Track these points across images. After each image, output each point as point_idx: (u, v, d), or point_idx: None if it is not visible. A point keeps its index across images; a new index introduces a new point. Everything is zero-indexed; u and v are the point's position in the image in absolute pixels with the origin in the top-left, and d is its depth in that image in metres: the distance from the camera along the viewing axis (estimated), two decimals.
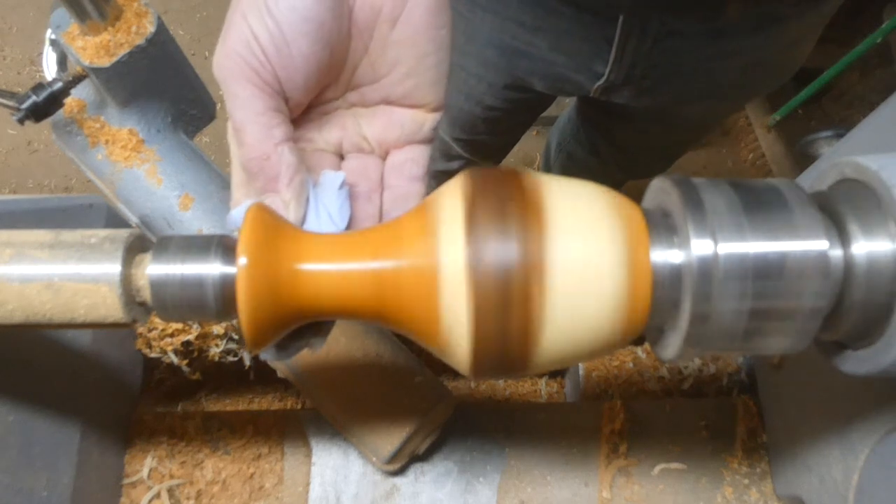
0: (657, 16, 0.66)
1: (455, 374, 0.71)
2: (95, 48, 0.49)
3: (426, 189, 0.43)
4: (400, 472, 0.58)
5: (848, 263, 0.30)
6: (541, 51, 0.75)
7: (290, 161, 0.37)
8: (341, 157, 0.43)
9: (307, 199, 0.38)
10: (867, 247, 0.30)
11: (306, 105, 0.40)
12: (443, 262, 0.30)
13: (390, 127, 0.42)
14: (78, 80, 0.51)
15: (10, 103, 0.50)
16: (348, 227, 0.40)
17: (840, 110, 1.85)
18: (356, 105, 0.43)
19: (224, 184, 0.56)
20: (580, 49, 0.73)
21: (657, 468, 0.58)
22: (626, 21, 0.67)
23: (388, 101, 0.42)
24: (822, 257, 0.30)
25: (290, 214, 0.37)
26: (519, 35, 0.75)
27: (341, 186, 0.40)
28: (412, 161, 0.43)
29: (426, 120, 0.43)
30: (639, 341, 0.67)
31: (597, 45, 0.71)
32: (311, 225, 0.38)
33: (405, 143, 0.43)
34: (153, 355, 0.61)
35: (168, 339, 0.60)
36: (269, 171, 0.37)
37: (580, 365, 0.67)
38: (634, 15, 0.66)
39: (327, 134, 0.42)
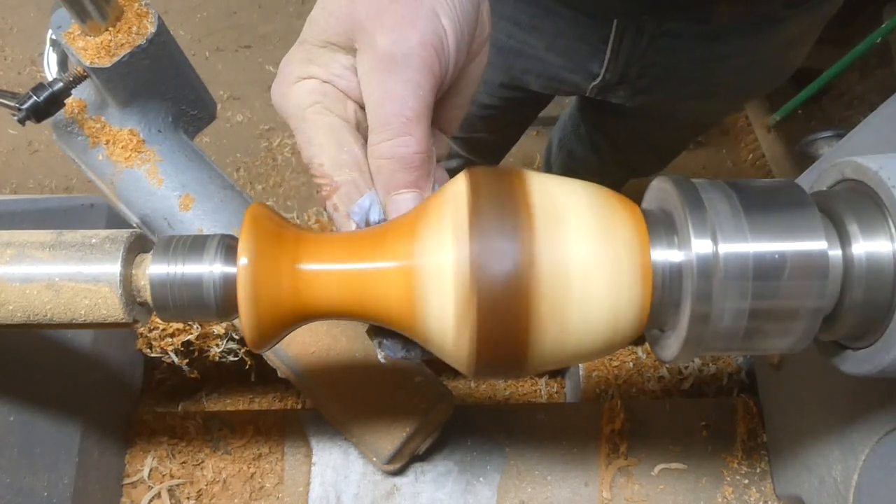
0: (650, 18, 0.66)
1: (455, 374, 0.71)
2: (96, 48, 0.49)
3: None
4: (400, 472, 0.59)
5: (847, 264, 0.31)
6: (536, 50, 0.75)
7: (434, 164, 0.37)
8: None
9: None
10: (867, 247, 0.30)
11: None
12: (444, 261, 0.30)
13: (434, 145, 0.43)
14: (79, 80, 0.51)
15: (11, 104, 0.50)
16: None
17: (840, 110, 1.85)
18: None
19: (225, 184, 0.56)
20: (576, 49, 0.73)
21: (657, 468, 0.58)
22: (621, 22, 0.67)
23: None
24: (822, 257, 0.30)
25: None
26: (514, 34, 0.75)
27: None
28: (440, 182, 0.43)
29: (447, 143, 0.44)
30: (639, 341, 0.67)
31: (592, 46, 0.71)
32: None
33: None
34: (154, 355, 0.61)
35: (169, 340, 0.60)
36: (427, 169, 0.36)
37: (580, 365, 0.67)
38: (628, 17, 0.66)
39: None
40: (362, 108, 0.37)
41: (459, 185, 0.32)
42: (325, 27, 0.37)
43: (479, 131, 0.98)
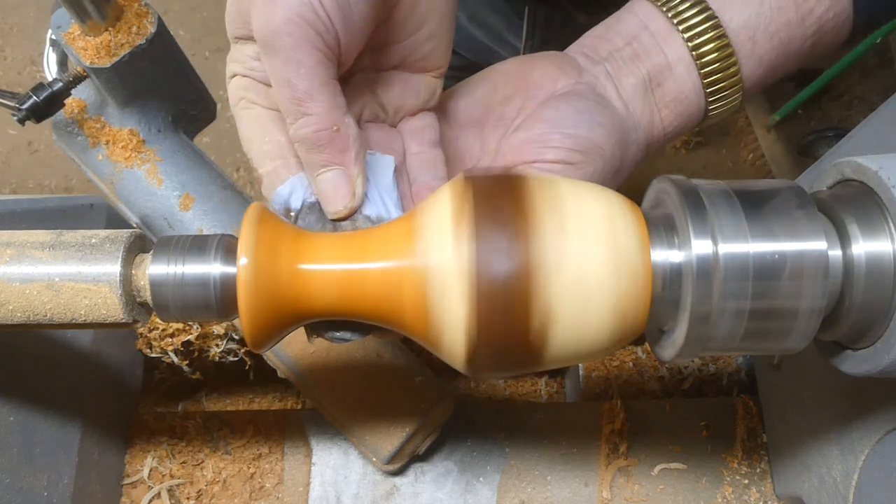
0: (551, 7, 0.67)
1: (455, 374, 0.71)
2: (96, 48, 0.49)
3: None
4: (400, 472, 0.59)
5: (847, 264, 0.31)
6: (460, 20, 0.76)
7: (356, 133, 0.36)
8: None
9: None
10: (866, 247, 0.30)
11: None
12: (443, 262, 0.30)
13: (407, 93, 0.41)
14: (78, 80, 0.51)
15: (11, 103, 0.50)
16: None
17: (840, 110, 1.85)
18: (367, 69, 0.41)
19: (225, 184, 0.56)
20: (495, 22, 0.74)
21: (657, 468, 0.58)
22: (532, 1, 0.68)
23: (403, 65, 0.41)
24: (822, 258, 0.30)
25: (358, 189, 0.36)
26: None
27: (395, 171, 0.39)
28: (429, 127, 0.42)
29: (437, 86, 0.42)
30: (639, 341, 0.67)
31: (509, 20, 0.73)
32: (378, 209, 0.37)
33: (418, 111, 0.42)
34: (153, 355, 0.61)
35: (168, 340, 0.60)
36: (339, 144, 0.35)
37: (580, 365, 0.67)
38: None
39: (350, 103, 0.40)
40: None
41: (460, 186, 0.32)
42: (230, 21, 0.37)
43: None
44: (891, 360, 0.30)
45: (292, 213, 0.37)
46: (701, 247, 0.30)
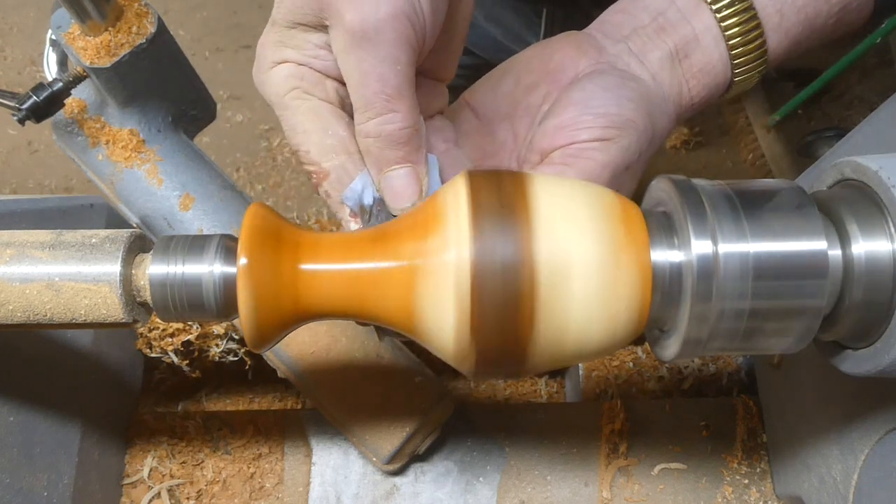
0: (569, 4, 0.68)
1: (455, 373, 0.71)
2: (96, 48, 0.49)
3: None
4: (400, 472, 0.59)
5: (847, 263, 0.31)
6: (477, 20, 0.77)
7: (425, 133, 0.36)
8: None
9: None
10: (866, 247, 0.30)
11: None
12: (444, 261, 0.30)
13: (430, 97, 0.42)
14: (78, 80, 0.51)
15: (11, 103, 0.50)
16: None
17: (840, 110, 1.85)
18: None
19: (225, 184, 0.56)
20: (513, 21, 0.75)
21: (657, 468, 0.58)
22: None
23: (424, 72, 0.42)
24: (822, 257, 0.30)
25: (424, 187, 0.37)
26: None
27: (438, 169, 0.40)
28: (448, 127, 0.43)
29: (447, 94, 0.43)
30: (639, 341, 0.67)
31: (527, 18, 0.73)
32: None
33: (434, 114, 0.43)
34: (153, 355, 0.61)
35: (168, 339, 0.60)
36: (416, 142, 0.35)
37: (580, 365, 0.67)
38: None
39: None
40: (343, 84, 0.36)
41: (459, 186, 0.32)
42: (292, 7, 0.36)
43: None
44: (891, 360, 0.30)
45: (367, 211, 0.37)
46: (701, 247, 0.30)
